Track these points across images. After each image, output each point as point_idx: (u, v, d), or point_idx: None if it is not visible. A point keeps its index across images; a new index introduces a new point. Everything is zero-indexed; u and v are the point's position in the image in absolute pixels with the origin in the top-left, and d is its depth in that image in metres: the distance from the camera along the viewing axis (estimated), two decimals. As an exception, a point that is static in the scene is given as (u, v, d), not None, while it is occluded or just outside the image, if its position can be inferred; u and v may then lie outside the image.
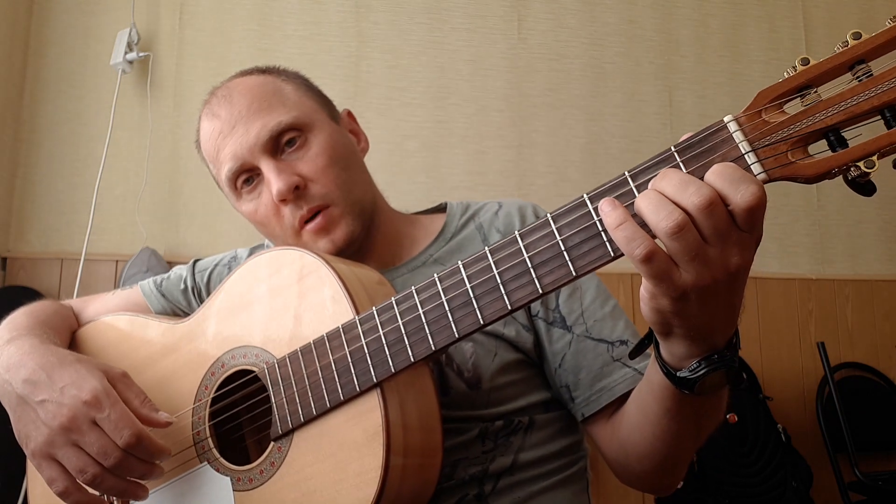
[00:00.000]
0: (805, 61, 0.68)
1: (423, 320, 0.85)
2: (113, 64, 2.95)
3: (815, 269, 3.26)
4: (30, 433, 0.94)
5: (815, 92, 0.67)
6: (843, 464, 2.86)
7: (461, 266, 0.82)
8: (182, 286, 1.29)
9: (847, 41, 0.66)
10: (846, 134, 0.66)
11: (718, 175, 0.66)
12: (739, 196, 0.65)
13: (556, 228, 0.76)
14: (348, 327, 0.90)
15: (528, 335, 1.11)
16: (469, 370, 1.07)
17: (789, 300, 3.19)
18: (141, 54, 2.98)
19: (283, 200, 1.08)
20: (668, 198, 0.67)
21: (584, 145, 3.20)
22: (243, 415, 1.03)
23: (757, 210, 0.65)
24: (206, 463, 1.00)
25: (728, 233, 0.66)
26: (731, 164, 0.67)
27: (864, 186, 0.66)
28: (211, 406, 1.02)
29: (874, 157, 0.64)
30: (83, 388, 0.91)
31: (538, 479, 1.07)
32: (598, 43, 3.28)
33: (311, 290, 0.95)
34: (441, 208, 1.28)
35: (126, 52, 2.93)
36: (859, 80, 0.65)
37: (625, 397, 1.04)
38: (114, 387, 0.93)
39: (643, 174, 0.72)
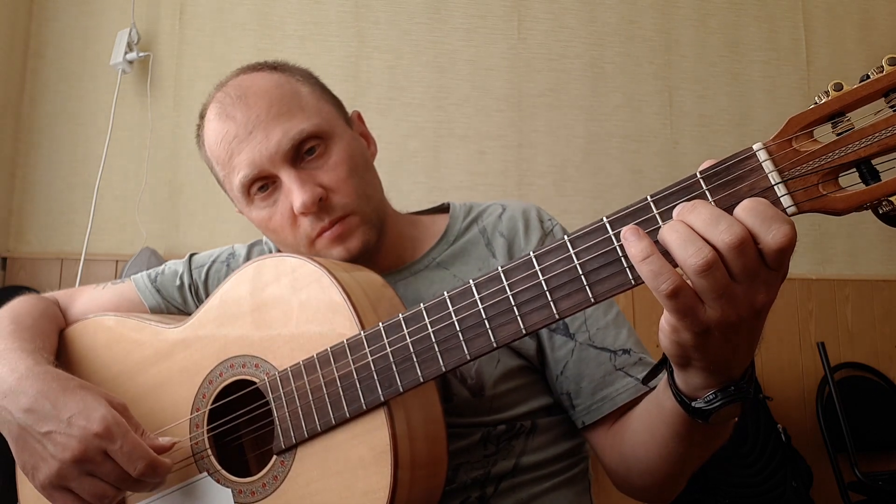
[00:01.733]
0: (838, 87, 0.65)
1: (433, 340, 0.82)
2: (113, 64, 2.95)
3: (815, 269, 3.25)
4: (37, 465, 0.91)
5: (848, 119, 0.65)
6: (843, 464, 2.86)
7: (473, 286, 0.80)
8: (178, 282, 1.26)
9: (882, 66, 0.64)
10: (878, 165, 0.64)
11: (749, 212, 0.64)
12: (771, 236, 0.63)
13: (575, 252, 0.73)
14: (354, 344, 0.88)
15: (531, 341, 1.10)
16: (472, 377, 1.06)
17: (789, 300, 3.19)
18: (141, 54, 2.97)
19: (305, 213, 1.05)
20: (696, 232, 0.65)
21: (584, 145, 3.19)
22: (243, 426, 1.02)
23: (788, 251, 0.64)
24: (205, 473, 0.99)
25: (757, 272, 0.65)
26: (763, 199, 0.65)
27: (895, 219, 0.64)
28: (209, 416, 1.01)
29: None
30: (92, 419, 0.88)
31: (540, 481, 1.07)
32: (598, 43, 3.28)
33: (312, 300, 0.94)
34: (443, 208, 1.26)
35: (126, 52, 2.93)
36: (894, 110, 0.63)
37: (626, 407, 1.03)
38: None
39: (666, 200, 0.69)
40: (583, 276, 0.73)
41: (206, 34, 3.10)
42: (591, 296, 0.73)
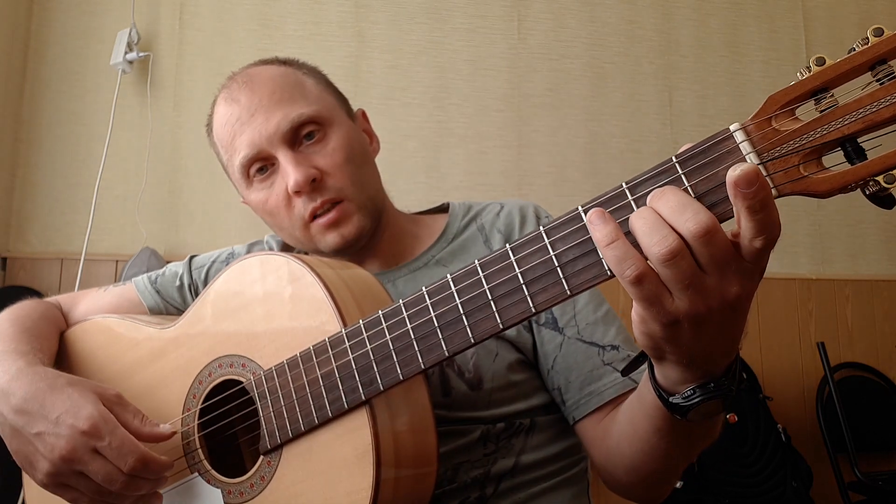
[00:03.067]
0: (820, 61, 0.61)
1: (412, 336, 0.81)
2: (113, 64, 2.95)
3: (815, 269, 3.25)
4: (34, 464, 0.92)
5: (831, 95, 0.60)
6: (843, 464, 2.86)
7: (450, 280, 0.78)
8: (177, 283, 1.28)
9: (868, 38, 0.59)
10: (864, 143, 0.60)
11: None
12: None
13: (550, 243, 0.70)
14: (335, 341, 0.87)
15: (528, 335, 1.11)
16: (470, 371, 1.06)
17: (789, 300, 3.18)
18: (141, 54, 2.98)
19: (298, 192, 1.07)
20: (664, 219, 0.62)
21: (584, 145, 3.19)
22: (236, 424, 1.02)
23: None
24: (196, 474, 0.99)
25: (727, 262, 0.62)
26: None
27: (884, 200, 0.60)
28: (200, 415, 1.01)
29: (895, 171, 0.58)
30: (79, 417, 0.88)
31: (539, 481, 1.07)
32: (598, 43, 3.27)
33: (295, 299, 0.94)
34: (443, 208, 1.28)
35: (126, 52, 2.93)
36: (880, 83, 0.58)
37: (615, 402, 1.03)
38: (109, 410, 0.91)
39: (642, 186, 0.66)
40: (559, 269, 0.70)
41: (206, 34, 3.10)
42: (567, 288, 0.70)
